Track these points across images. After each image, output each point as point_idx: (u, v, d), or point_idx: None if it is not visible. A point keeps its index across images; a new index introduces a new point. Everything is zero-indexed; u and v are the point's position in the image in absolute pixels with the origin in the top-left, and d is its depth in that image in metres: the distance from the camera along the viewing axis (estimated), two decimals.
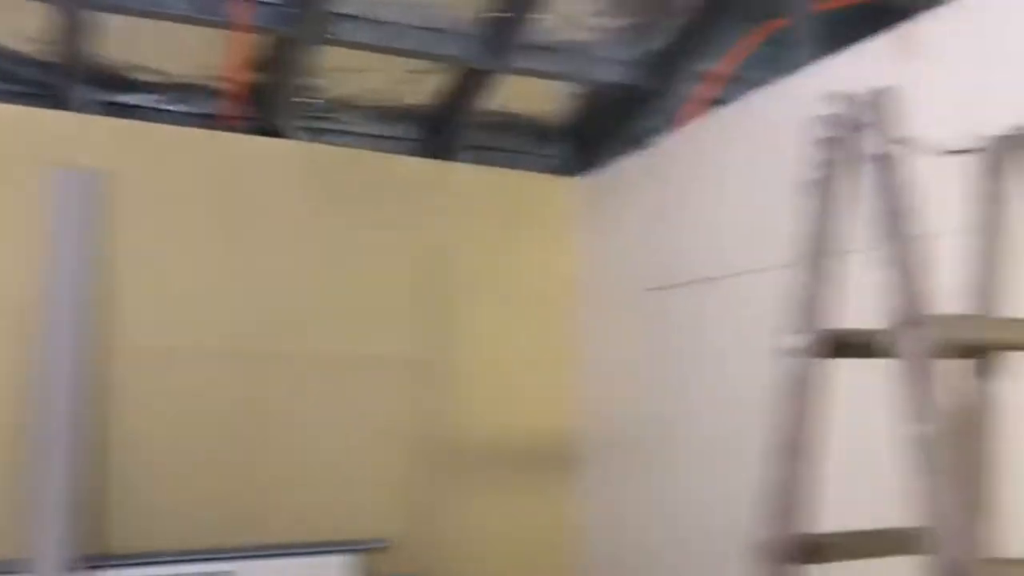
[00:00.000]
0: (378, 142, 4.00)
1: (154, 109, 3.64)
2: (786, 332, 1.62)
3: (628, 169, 3.78)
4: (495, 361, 3.94)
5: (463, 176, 3.98)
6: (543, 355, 4.03)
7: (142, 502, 3.28)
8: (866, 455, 2.49)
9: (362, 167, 3.79)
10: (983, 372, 1.74)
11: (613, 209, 3.87)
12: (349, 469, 3.62)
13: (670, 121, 3.91)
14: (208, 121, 3.68)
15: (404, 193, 3.86)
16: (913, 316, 1.40)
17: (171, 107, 3.67)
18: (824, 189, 1.61)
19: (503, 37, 3.53)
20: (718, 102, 3.51)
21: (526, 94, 3.97)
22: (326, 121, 3.90)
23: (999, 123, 1.79)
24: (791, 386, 1.61)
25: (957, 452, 1.69)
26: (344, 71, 3.71)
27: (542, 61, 3.71)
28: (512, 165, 4.17)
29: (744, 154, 3.09)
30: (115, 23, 3.27)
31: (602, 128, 4.21)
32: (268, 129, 3.71)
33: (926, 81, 2.40)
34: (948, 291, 1.85)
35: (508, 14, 3.49)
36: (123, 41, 3.39)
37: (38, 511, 3.05)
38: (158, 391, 3.35)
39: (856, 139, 1.53)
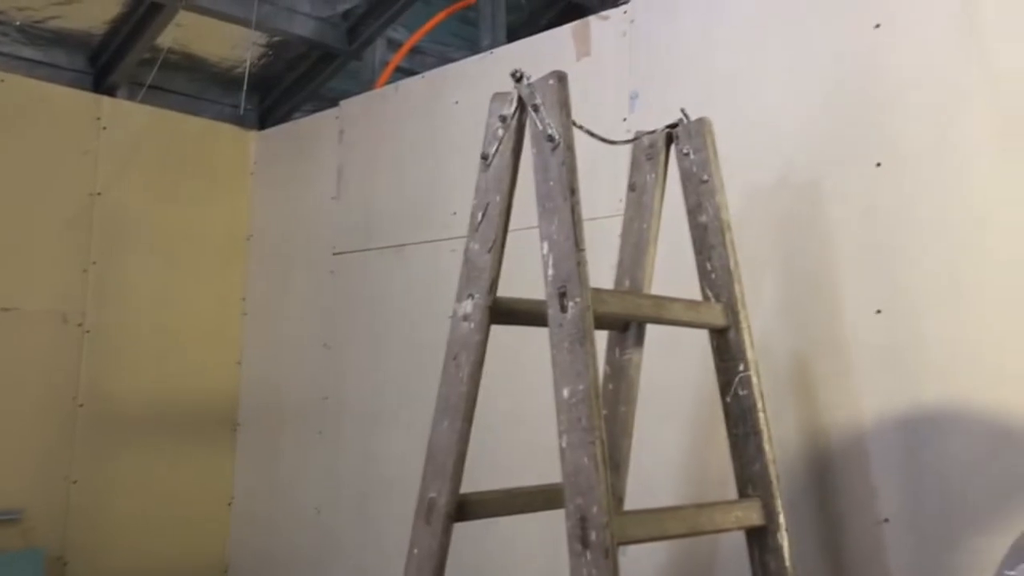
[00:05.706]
0: (32, 67, 3.56)
1: None
2: (456, 299, 1.68)
3: (314, 128, 3.68)
4: (159, 318, 3.68)
5: (130, 115, 3.66)
6: (212, 315, 3.84)
7: None
8: (530, 417, 2.66)
9: (9, 93, 3.34)
10: (625, 342, 1.92)
11: (297, 168, 3.75)
12: None
13: (358, 84, 3.89)
14: None
15: (61, 127, 3.47)
16: (568, 288, 1.51)
17: None
18: (497, 165, 1.67)
19: None
20: (407, 72, 3.55)
21: (209, 37, 3.74)
22: None
23: (654, 121, 1.99)
24: (457, 350, 1.67)
25: (603, 415, 1.85)
26: None
27: (226, 3, 3.51)
28: (188, 110, 3.91)
29: (429, 125, 3.14)
30: None
31: (288, 82, 4.09)
32: None
33: (596, 74, 2.60)
34: (608, 266, 2.03)
35: None
36: None
37: None
38: None
39: (528, 119, 1.62)
